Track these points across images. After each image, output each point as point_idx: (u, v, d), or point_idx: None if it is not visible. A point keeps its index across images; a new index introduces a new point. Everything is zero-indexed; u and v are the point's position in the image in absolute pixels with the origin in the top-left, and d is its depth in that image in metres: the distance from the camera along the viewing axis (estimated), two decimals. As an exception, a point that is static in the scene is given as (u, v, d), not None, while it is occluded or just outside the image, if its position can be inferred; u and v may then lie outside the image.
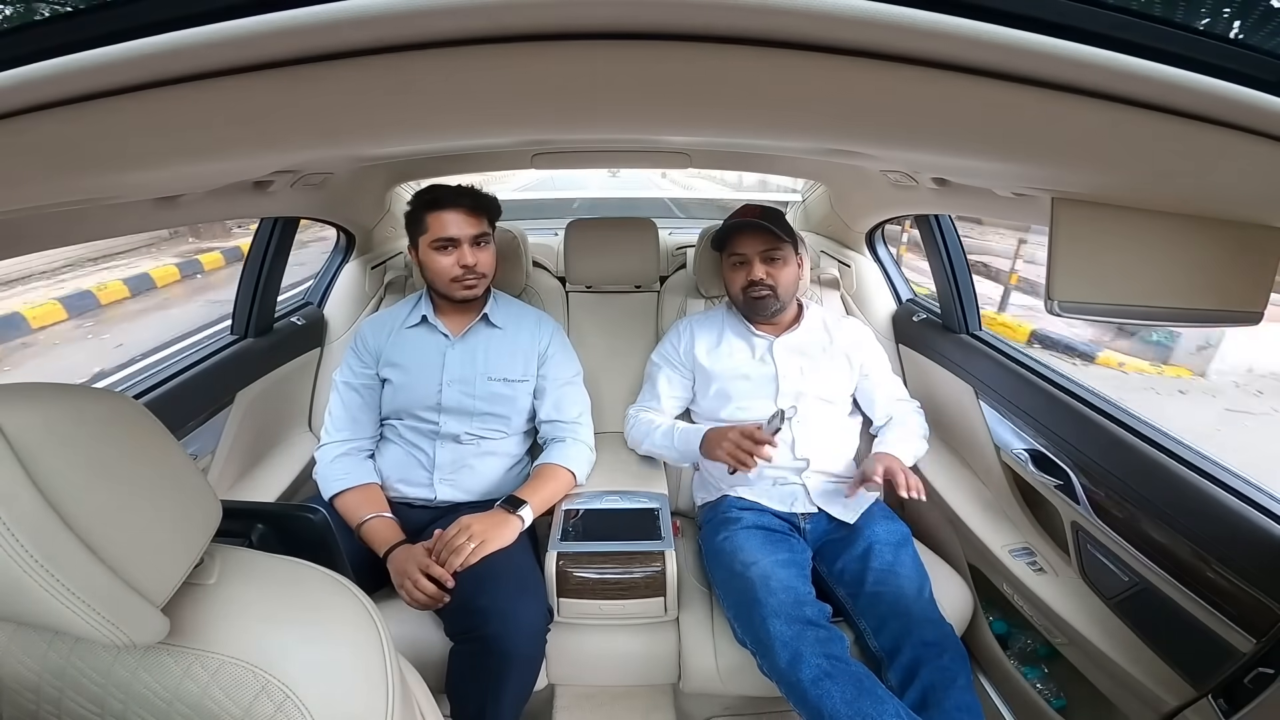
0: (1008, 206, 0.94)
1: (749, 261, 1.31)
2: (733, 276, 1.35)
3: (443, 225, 1.21)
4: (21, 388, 0.40)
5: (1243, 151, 0.42)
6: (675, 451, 1.33)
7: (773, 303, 1.32)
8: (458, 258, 1.22)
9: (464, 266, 1.22)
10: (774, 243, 1.29)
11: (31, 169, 0.47)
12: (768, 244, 1.29)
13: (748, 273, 1.31)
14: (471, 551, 1.05)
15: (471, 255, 1.23)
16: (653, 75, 0.40)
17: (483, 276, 1.26)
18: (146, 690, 0.46)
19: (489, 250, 1.27)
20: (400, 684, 0.50)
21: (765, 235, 1.29)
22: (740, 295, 1.34)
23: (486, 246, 1.27)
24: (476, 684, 1.00)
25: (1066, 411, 1.14)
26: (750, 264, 1.31)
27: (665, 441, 1.34)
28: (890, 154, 0.89)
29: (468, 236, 1.22)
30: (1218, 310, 0.57)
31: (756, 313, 1.35)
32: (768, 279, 1.30)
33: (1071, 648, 1.05)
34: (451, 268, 1.22)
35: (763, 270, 1.30)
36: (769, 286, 1.30)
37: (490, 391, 1.28)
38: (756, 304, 1.33)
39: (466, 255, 1.22)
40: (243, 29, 0.33)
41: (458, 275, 1.23)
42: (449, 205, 1.22)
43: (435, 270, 1.24)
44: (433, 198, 1.23)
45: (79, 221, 0.81)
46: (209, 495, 0.50)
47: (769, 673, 1.01)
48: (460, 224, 1.22)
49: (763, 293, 1.31)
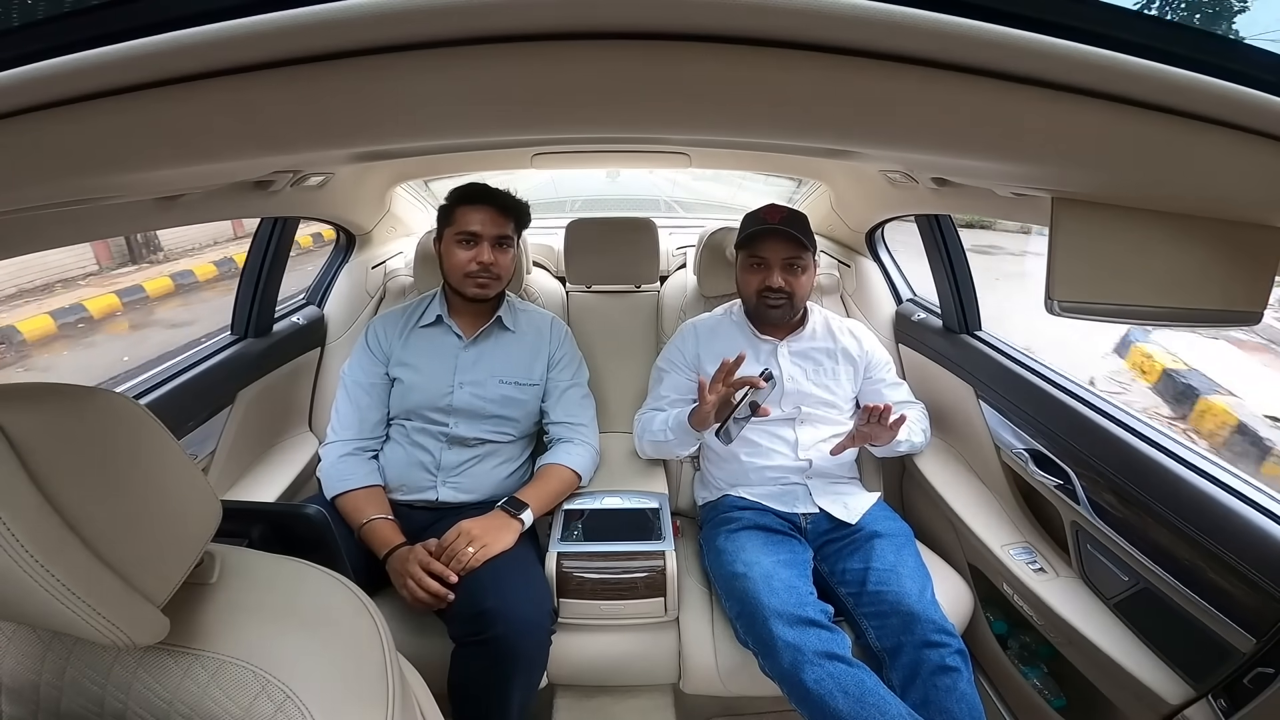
0: (1008, 206, 0.94)
1: (770, 267, 1.28)
2: (750, 277, 1.32)
3: (468, 219, 1.22)
4: (22, 388, 0.40)
5: (1243, 151, 0.42)
6: (673, 434, 1.29)
7: (788, 311, 1.31)
8: (476, 254, 1.23)
9: (480, 263, 1.23)
10: (798, 250, 1.27)
11: (31, 169, 0.47)
12: (791, 251, 1.27)
13: (766, 278, 1.28)
14: (473, 557, 1.05)
15: (490, 254, 1.23)
16: (653, 75, 0.40)
17: (497, 278, 1.26)
18: (146, 690, 0.46)
19: (509, 254, 1.28)
20: (400, 684, 0.50)
21: (790, 242, 1.26)
22: (754, 297, 1.32)
23: (508, 249, 1.27)
24: (480, 685, 1.00)
25: (1066, 411, 1.14)
26: (771, 269, 1.28)
27: (661, 428, 1.31)
28: (890, 154, 0.89)
29: (490, 235, 1.23)
30: (1218, 310, 0.57)
31: (768, 320, 1.34)
32: (786, 287, 1.28)
33: (1071, 648, 1.05)
34: (468, 263, 1.23)
35: (782, 279, 1.27)
36: (786, 295, 1.28)
37: (501, 394, 1.28)
38: (770, 311, 1.31)
39: (485, 253, 1.23)
40: (243, 29, 0.33)
41: (472, 271, 1.23)
42: (479, 201, 1.23)
43: (452, 263, 1.25)
44: (466, 193, 1.25)
45: (79, 221, 0.81)
46: (209, 495, 0.50)
47: (771, 673, 1.01)
48: (486, 221, 1.22)
49: (779, 301, 1.29)
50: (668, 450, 1.36)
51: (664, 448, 1.35)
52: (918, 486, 1.48)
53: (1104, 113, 0.40)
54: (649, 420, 1.37)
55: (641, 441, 1.39)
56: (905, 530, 1.23)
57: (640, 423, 1.41)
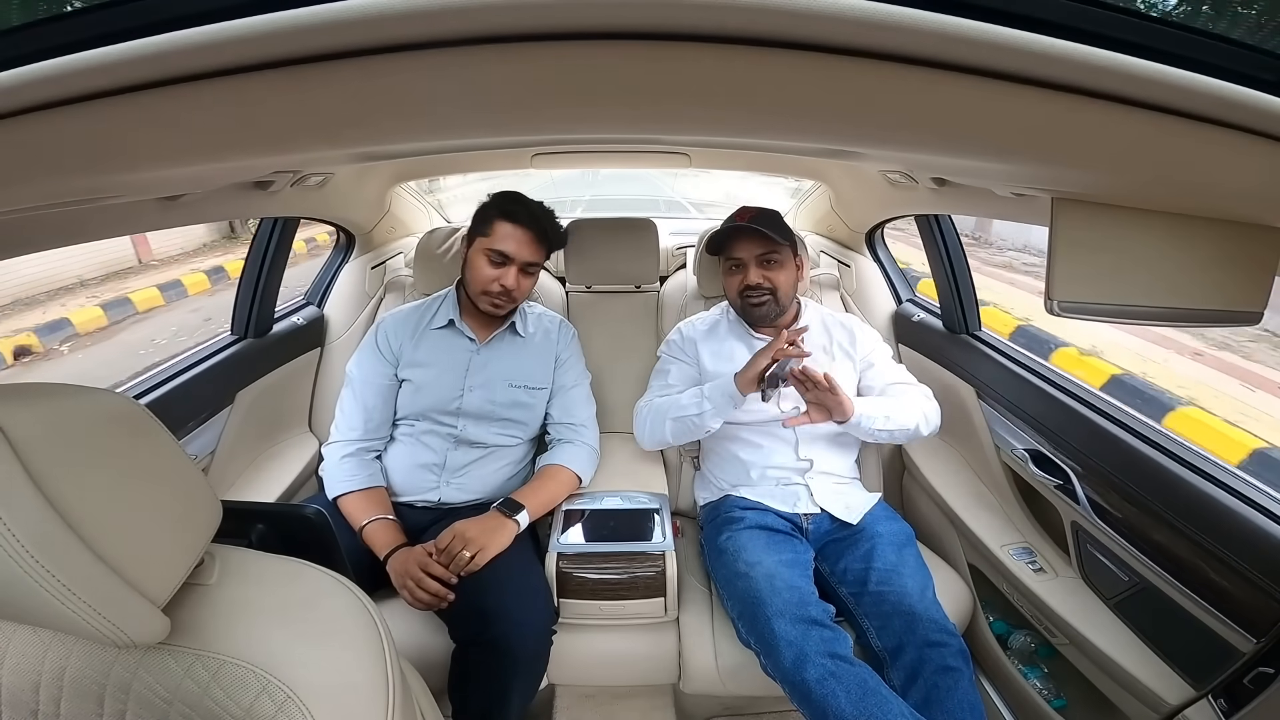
0: (1008, 206, 0.94)
1: (745, 266, 1.29)
2: (729, 281, 1.34)
3: (505, 239, 1.20)
4: (22, 388, 0.40)
5: (1243, 151, 0.42)
6: (710, 403, 1.22)
7: (772, 308, 1.31)
8: (501, 275, 1.21)
9: (504, 286, 1.21)
10: (770, 246, 1.28)
11: (31, 169, 0.47)
12: (764, 247, 1.28)
13: (744, 277, 1.29)
14: (470, 560, 1.04)
15: (515, 279, 1.21)
16: (653, 75, 0.40)
17: (514, 301, 1.26)
18: (147, 690, 0.46)
19: (532, 280, 1.27)
20: (401, 684, 0.50)
21: (761, 239, 1.27)
22: (738, 299, 1.33)
23: (532, 275, 1.26)
24: (482, 686, 1.00)
25: (1066, 411, 1.14)
26: (746, 268, 1.29)
27: (695, 399, 1.25)
28: (890, 154, 0.89)
29: (522, 260, 1.21)
30: (1218, 310, 0.57)
31: (756, 320, 1.34)
32: (765, 283, 1.28)
33: (1071, 648, 1.05)
34: (491, 282, 1.21)
35: (759, 275, 1.28)
36: (767, 290, 1.28)
37: (511, 398, 1.28)
38: (755, 310, 1.31)
39: (511, 277, 1.21)
40: (243, 29, 0.33)
41: (494, 291, 1.22)
42: (520, 222, 1.20)
43: (476, 275, 1.23)
44: (510, 208, 1.21)
45: (79, 221, 0.81)
46: (209, 495, 0.50)
47: (773, 673, 1.01)
48: (522, 246, 1.20)
49: (762, 298, 1.29)
50: (690, 426, 1.27)
51: (687, 423, 1.26)
52: (918, 486, 1.48)
53: (1104, 113, 0.40)
54: (669, 402, 1.31)
55: (657, 423, 1.31)
56: (906, 530, 1.23)
57: (652, 407, 1.34)
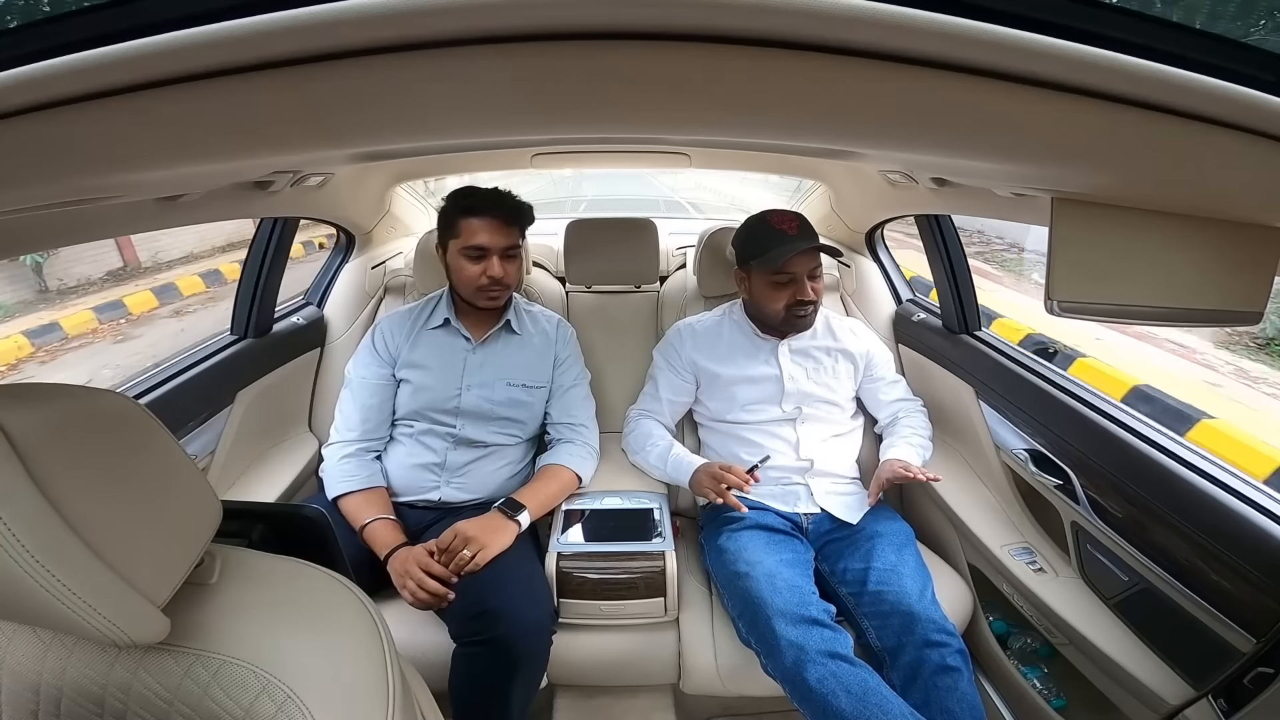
0: (1007, 206, 0.94)
1: (799, 281, 1.27)
2: (776, 293, 1.28)
3: (474, 233, 1.20)
4: (22, 388, 0.41)
5: (1243, 151, 0.42)
6: (665, 475, 1.32)
7: (813, 317, 1.33)
8: (486, 268, 1.21)
9: (491, 277, 1.22)
10: (819, 260, 1.28)
11: (31, 169, 0.47)
12: (816, 262, 1.28)
13: (796, 292, 1.27)
14: (471, 560, 1.04)
15: (500, 267, 1.22)
16: (653, 75, 0.40)
17: (507, 288, 1.26)
18: (147, 690, 0.46)
19: (517, 262, 1.27)
20: (401, 684, 0.50)
21: (814, 253, 1.26)
22: (782, 312, 1.29)
23: (516, 258, 1.26)
24: (482, 686, 1.00)
25: (1066, 411, 1.14)
26: (800, 283, 1.27)
27: (659, 464, 1.32)
28: (890, 154, 0.90)
29: (499, 248, 1.21)
30: (1218, 310, 0.57)
31: (797, 329, 1.34)
32: (816, 296, 1.29)
33: (1071, 648, 1.05)
34: (479, 277, 1.22)
35: (811, 289, 1.28)
36: (813, 303, 1.29)
37: (509, 397, 1.28)
38: (800, 321, 1.31)
39: (495, 267, 1.21)
40: (243, 29, 0.33)
41: (484, 285, 1.23)
42: (484, 213, 1.20)
43: (462, 277, 1.24)
44: (469, 203, 1.21)
45: (79, 221, 0.81)
46: (209, 495, 0.50)
47: (773, 673, 1.01)
48: (493, 234, 1.20)
49: (809, 310, 1.30)
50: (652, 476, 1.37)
51: (651, 474, 1.36)
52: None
53: (1104, 113, 0.40)
54: (645, 437, 1.37)
55: (633, 455, 1.39)
56: (906, 530, 1.23)
57: (636, 428, 1.40)
